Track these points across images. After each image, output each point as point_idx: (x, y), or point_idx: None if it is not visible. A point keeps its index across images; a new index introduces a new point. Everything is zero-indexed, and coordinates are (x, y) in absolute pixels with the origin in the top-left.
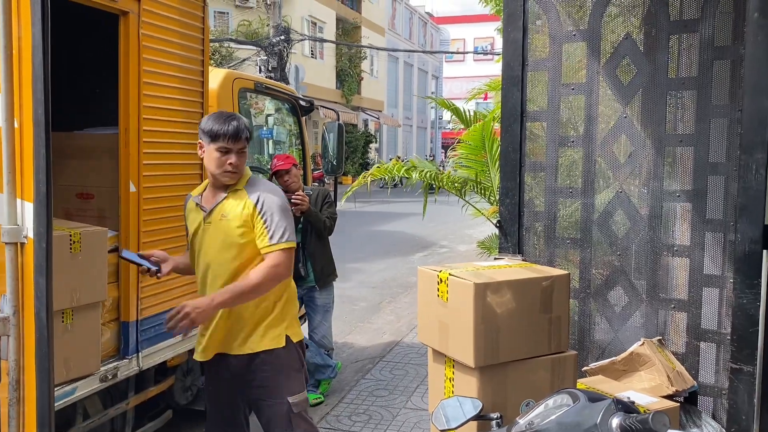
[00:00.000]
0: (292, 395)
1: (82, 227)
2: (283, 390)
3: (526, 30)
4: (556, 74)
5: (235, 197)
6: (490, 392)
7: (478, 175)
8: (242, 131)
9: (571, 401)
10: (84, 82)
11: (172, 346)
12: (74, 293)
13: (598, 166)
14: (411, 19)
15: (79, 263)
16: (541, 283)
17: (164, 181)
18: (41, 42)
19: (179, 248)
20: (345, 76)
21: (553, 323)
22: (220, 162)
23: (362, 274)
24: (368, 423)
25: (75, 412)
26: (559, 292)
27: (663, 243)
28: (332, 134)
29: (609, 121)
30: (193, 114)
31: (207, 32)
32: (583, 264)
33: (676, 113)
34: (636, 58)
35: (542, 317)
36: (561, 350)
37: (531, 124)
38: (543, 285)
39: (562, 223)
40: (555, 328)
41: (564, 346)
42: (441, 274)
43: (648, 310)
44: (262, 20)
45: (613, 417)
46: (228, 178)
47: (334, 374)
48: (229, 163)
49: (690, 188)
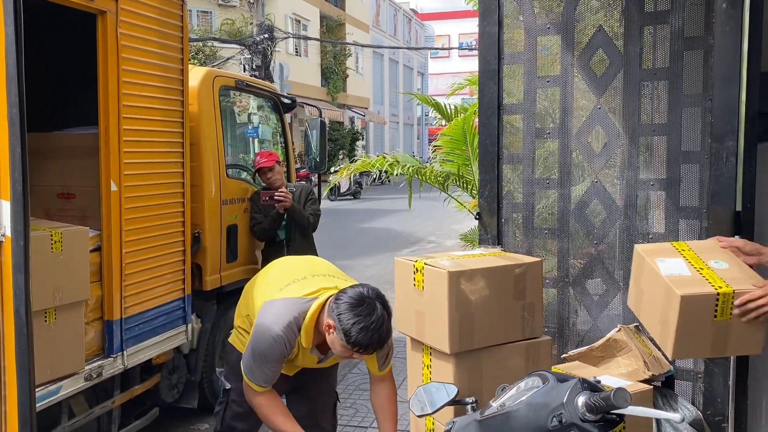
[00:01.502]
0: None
1: (64, 227)
2: (335, 381)
3: (502, 24)
4: (532, 67)
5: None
6: (466, 378)
7: (460, 168)
8: (385, 342)
9: (541, 383)
10: (63, 82)
11: (157, 344)
12: (57, 292)
13: (574, 157)
14: (395, 16)
15: (61, 262)
16: (514, 270)
17: (145, 180)
18: (14, 41)
19: (161, 247)
20: (330, 73)
21: (527, 309)
22: (345, 355)
23: (351, 271)
24: (355, 416)
25: (60, 411)
26: (532, 279)
27: (639, 231)
28: (315, 131)
29: (584, 113)
30: (173, 112)
31: (186, 30)
32: (561, 254)
33: (651, 104)
34: (609, 50)
35: (516, 304)
36: (535, 336)
37: (508, 117)
38: (516, 272)
39: (540, 214)
40: (528, 314)
41: (538, 331)
42: (417, 263)
43: (625, 298)
44: (246, 19)
45: (579, 396)
46: (343, 359)
47: None
48: (354, 356)
49: (664, 177)
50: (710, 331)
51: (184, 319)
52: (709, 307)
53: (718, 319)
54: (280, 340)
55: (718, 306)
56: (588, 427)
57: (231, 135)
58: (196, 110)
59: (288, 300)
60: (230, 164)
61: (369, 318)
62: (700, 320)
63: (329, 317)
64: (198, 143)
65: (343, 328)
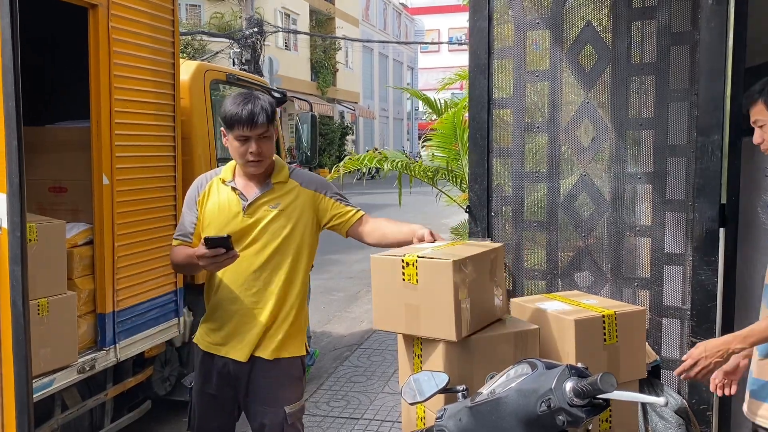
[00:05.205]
0: (289, 405)
1: (39, 220)
2: (283, 399)
3: (492, 19)
4: (521, 62)
5: (285, 188)
6: (456, 366)
7: (450, 163)
8: (257, 115)
9: (530, 370)
10: (54, 76)
11: (149, 337)
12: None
13: (563, 150)
14: (385, 10)
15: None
16: (490, 255)
17: (137, 174)
18: (10, 35)
19: (153, 240)
20: (320, 67)
21: (497, 290)
22: (240, 152)
23: (340, 266)
24: (346, 408)
25: (54, 403)
26: (499, 262)
27: (626, 223)
28: (306, 125)
29: (573, 107)
30: (165, 106)
31: (177, 24)
32: (550, 246)
33: (638, 98)
34: (597, 45)
35: (491, 285)
36: (506, 314)
37: (498, 111)
38: (491, 257)
39: (530, 207)
40: (498, 294)
41: (506, 310)
42: (406, 257)
43: (613, 289)
44: (235, 12)
45: (566, 381)
46: (253, 167)
47: (312, 362)
48: (250, 152)
49: (651, 170)
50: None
51: (176, 312)
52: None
53: (608, 343)
54: (196, 180)
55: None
56: (575, 411)
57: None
58: (187, 104)
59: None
60: (221, 158)
61: (238, 96)
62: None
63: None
64: (189, 137)
65: (220, 115)
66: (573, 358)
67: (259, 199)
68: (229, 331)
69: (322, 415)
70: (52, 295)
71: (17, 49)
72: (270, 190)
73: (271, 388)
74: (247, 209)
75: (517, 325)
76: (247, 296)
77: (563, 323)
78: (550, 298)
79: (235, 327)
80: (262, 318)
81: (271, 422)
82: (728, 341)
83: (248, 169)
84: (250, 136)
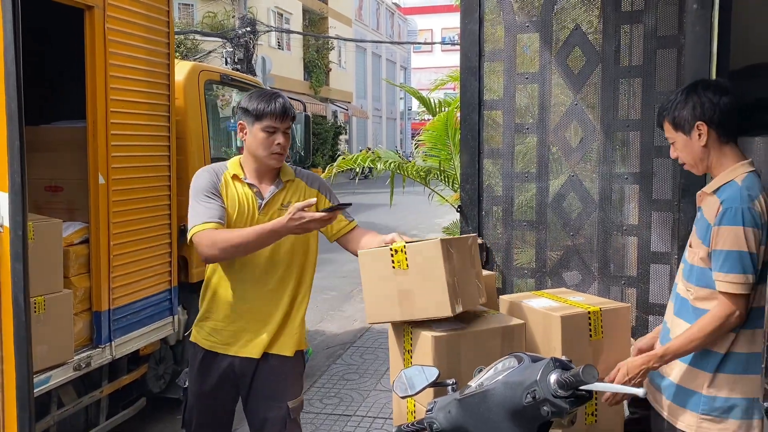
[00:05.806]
0: (292, 400)
1: (36, 219)
2: (286, 394)
3: (482, 21)
4: (512, 64)
5: (294, 186)
6: (446, 361)
7: (442, 163)
8: (289, 109)
9: (517, 363)
10: (51, 76)
11: (144, 334)
12: None
13: (552, 151)
14: (378, 10)
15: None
16: (467, 241)
17: (133, 173)
18: (12, 37)
19: (148, 239)
20: (313, 67)
21: (478, 277)
22: (267, 143)
23: (333, 265)
24: (339, 405)
25: (50, 400)
26: (475, 251)
27: (613, 223)
28: (299, 125)
29: (562, 109)
30: (160, 106)
31: (172, 25)
32: (539, 245)
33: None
34: (586, 47)
35: (472, 271)
36: (487, 302)
37: (489, 113)
38: (468, 243)
39: (519, 207)
40: (479, 281)
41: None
42: (395, 246)
43: (600, 287)
44: (228, 12)
45: (551, 373)
46: (275, 160)
47: (306, 360)
48: (277, 143)
49: (638, 171)
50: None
51: (171, 310)
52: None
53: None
54: (207, 169)
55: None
56: (559, 402)
57: (216, 129)
58: (182, 104)
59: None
60: (215, 158)
61: (264, 92)
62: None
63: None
64: (184, 137)
65: (244, 107)
66: (559, 353)
67: (273, 198)
68: (238, 329)
69: (315, 412)
70: (48, 293)
71: (19, 52)
72: (282, 189)
73: (277, 383)
74: (263, 208)
75: (505, 320)
76: (261, 294)
77: (550, 319)
78: (538, 295)
79: (246, 325)
80: (278, 315)
81: (274, 417)
82: (647, 360)
83: (270, 161)
84: (278, 128)
